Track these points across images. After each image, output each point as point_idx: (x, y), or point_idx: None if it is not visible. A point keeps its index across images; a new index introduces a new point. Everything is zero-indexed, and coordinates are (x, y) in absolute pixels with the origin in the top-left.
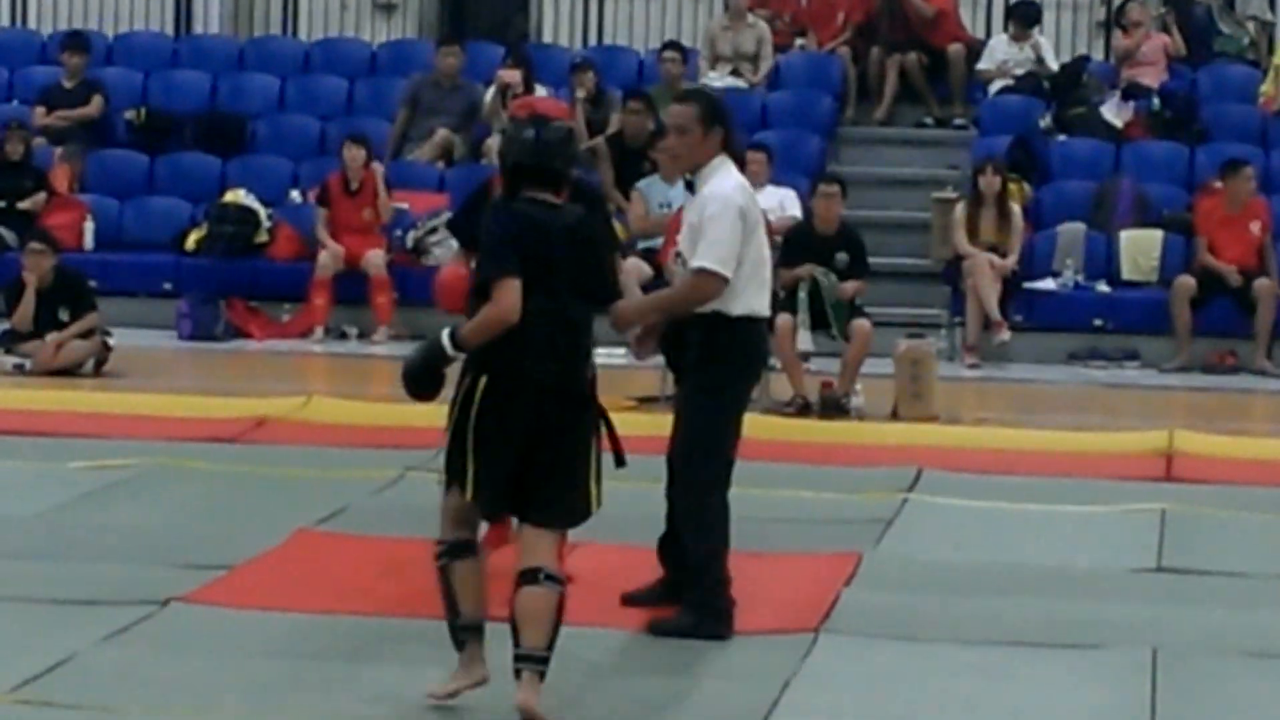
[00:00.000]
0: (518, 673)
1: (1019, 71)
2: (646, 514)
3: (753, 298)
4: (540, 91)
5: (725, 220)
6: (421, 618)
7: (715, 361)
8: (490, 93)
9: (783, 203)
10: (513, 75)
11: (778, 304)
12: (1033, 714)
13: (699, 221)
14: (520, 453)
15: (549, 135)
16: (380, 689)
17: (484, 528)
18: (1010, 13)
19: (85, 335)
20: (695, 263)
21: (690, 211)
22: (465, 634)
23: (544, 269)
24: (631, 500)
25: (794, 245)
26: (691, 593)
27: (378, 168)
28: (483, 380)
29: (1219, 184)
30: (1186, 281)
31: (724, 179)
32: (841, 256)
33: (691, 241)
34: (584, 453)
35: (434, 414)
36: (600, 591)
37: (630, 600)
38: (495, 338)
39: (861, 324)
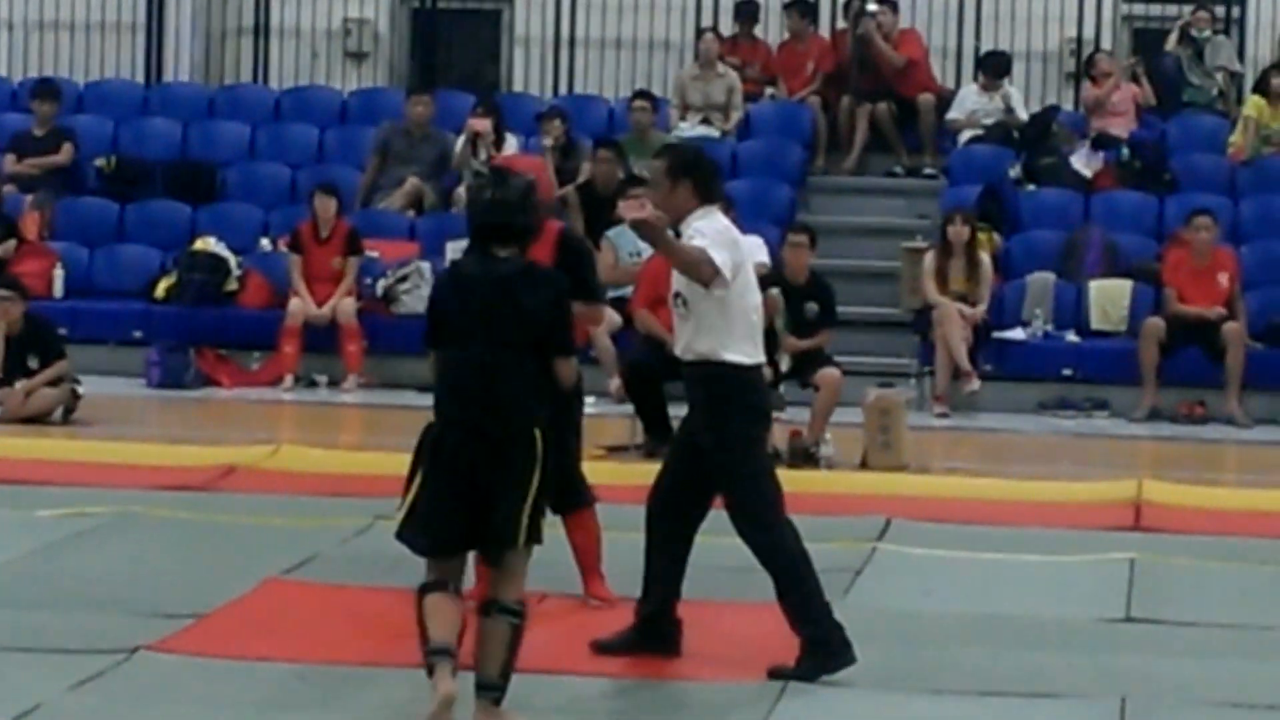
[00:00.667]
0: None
1: (989, 121)
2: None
3: (745, 343)
4: (510, 140)
5: (719, 241)
6: (391, 666)
7: (724, 413)
8: (460, 141)
9: (751, 251)
10: (483, 124)
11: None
12: None
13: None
14: (454, 491)
15: (507, 194)
16: None
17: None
18: (980, 63)
19: (54, 383)
20: (700, 240)
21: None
22: (433, 657)
23: (463, 320)
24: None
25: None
26: (803, 632)
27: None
28: (426, 427)
29: (1186, 235)
30: (1155, 324)
31: (710, 222)
32: (811, 306)
33: (688, 286)
34: (511, 487)
35: (402, 464)
36: (570, 639)
37: (601, 648)
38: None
39: (830, 373)
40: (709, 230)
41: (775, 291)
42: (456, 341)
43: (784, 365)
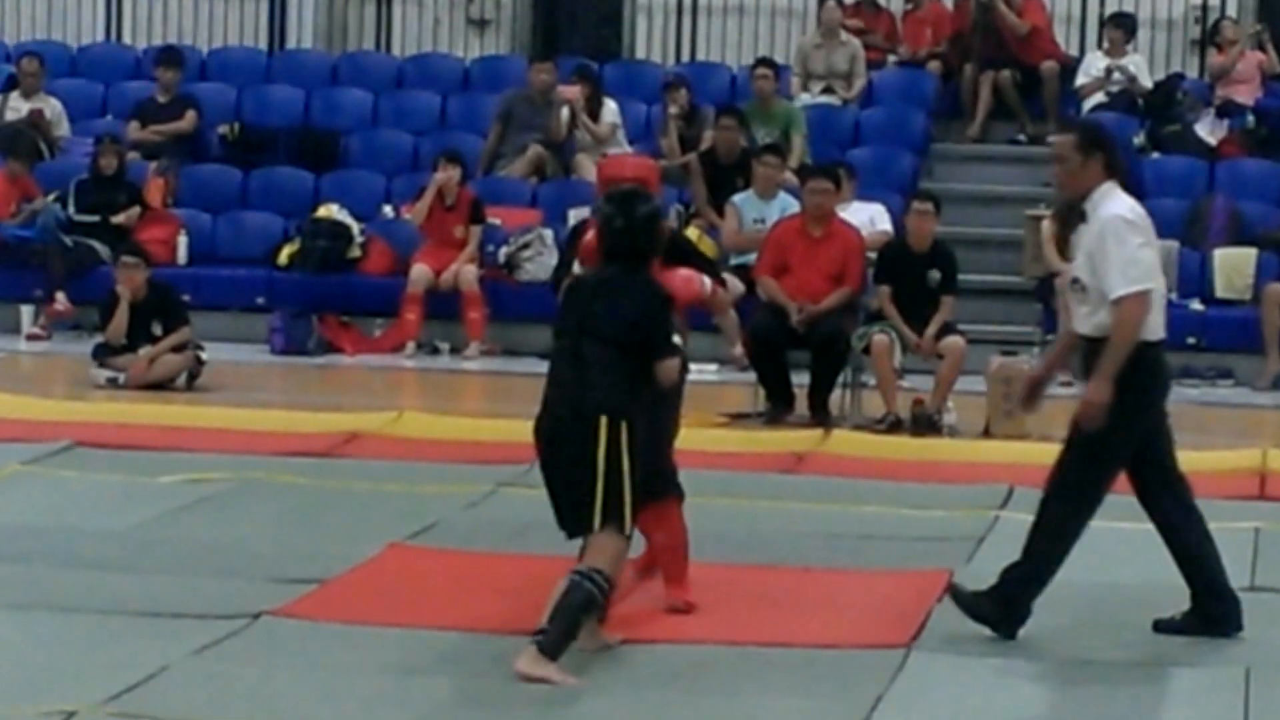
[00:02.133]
0: None
1: (1114, 88)
2: (732, 530)
3: (1154, 319)
4: (608, 105)
5: (1124, 238)
6: (514, 633)
7: (1127, 392)
8: (564, 110)
9: (873, 218)
10: (572, 91)
11: (872, 320)
12: None
13: (1097, 248)
14: (545, 472)
15: (637, 223)
16: (473, 702)
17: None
18: (1105, 25)
19: (178, 349)
20: (1113, 293)
21: (1085, 238)
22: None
23: (568, 315)
24: (724, 517)
25: (887, 261)
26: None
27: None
28: None
29: None
30: (1277, 290)
31: (1113, 203)
32: (933, 274)
33: (1091, 270)
34: (574, 468)
35: (524, 431)
36: (708, 609)
37: (1161, 626)
38: None
39: (954, 341)
40: (1116, 231)
41: (885, 289)
42: (562, 334)
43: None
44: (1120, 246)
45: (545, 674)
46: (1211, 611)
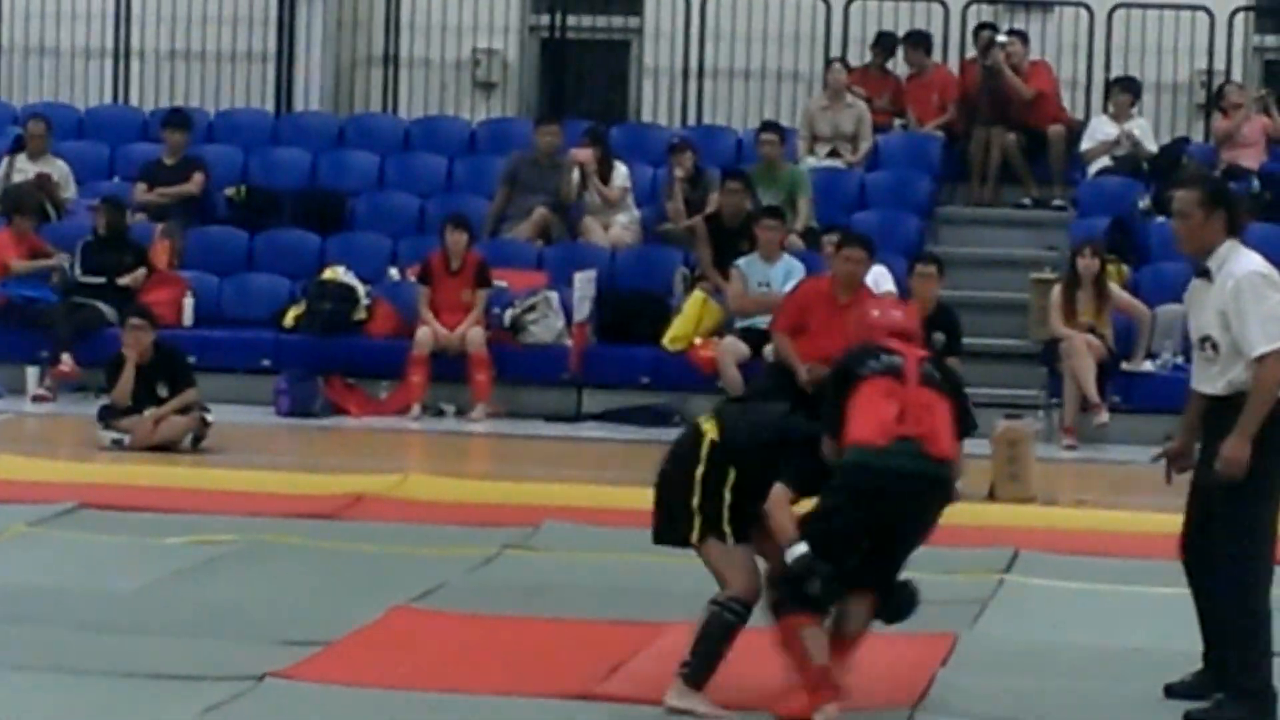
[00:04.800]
0: None
1: (1119, 152)
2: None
3: None
4: (618, 169)
5: (1263, 294)
6: (518, 695)
7: (1267, 449)
8: (575, 172)
9: (876, 280)
10: (585, 154)
11: None
12: None
13: (1232, 305)
14: None
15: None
16: None
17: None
18: (1110, 89)
19: (184, 411)
20: (1254, 350)
21: (1213, 296)
22: None
23: None
24: None
25: None
26: (1240, 681)
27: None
28: None
29: None
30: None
31: (1244, 259)
32: (938, 336)
33: (1224, 327)
34: (678, 482)
35: (530, 493)
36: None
37: (1171, 692)
38: None
39: None
40: (1252, 287)
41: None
42: None
43: None
44: (1259, 303)
45: (691, 705)
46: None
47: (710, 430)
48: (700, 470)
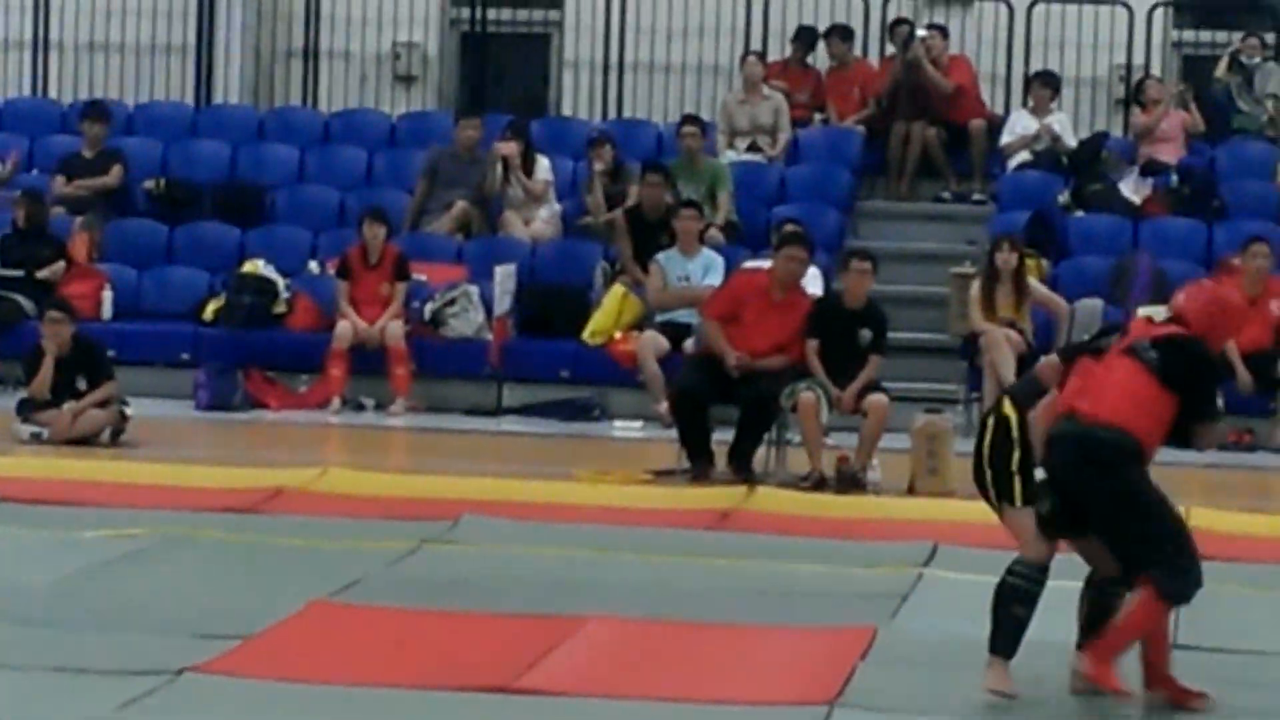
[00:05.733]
0: None
1: (1039, 146)
2: (655, 587)
3: None
4: (541, 163)
5: None
6: (433, 689)
7: None
8: (498, 166)
9: (808, 281)
10: (509, 148)
11: (798, 377)
12: None
13: None
14: None
15: None
16: None
17: None
18: (1030, 83)
19: (102, 404)
20: None
21: None
22: None
23: None
24: (647, 573)
25: (818, 317)
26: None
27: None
28: None
29: (1237, 262)
30: None
31: None
32: (864, 333)
33: None
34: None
35: (449, 487)
36: (629, 664)
37: None
38: None
39: (878, 399)
40: None
41: (813, 344)
42: None
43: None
44: None
45: (1003, 687)
46: None
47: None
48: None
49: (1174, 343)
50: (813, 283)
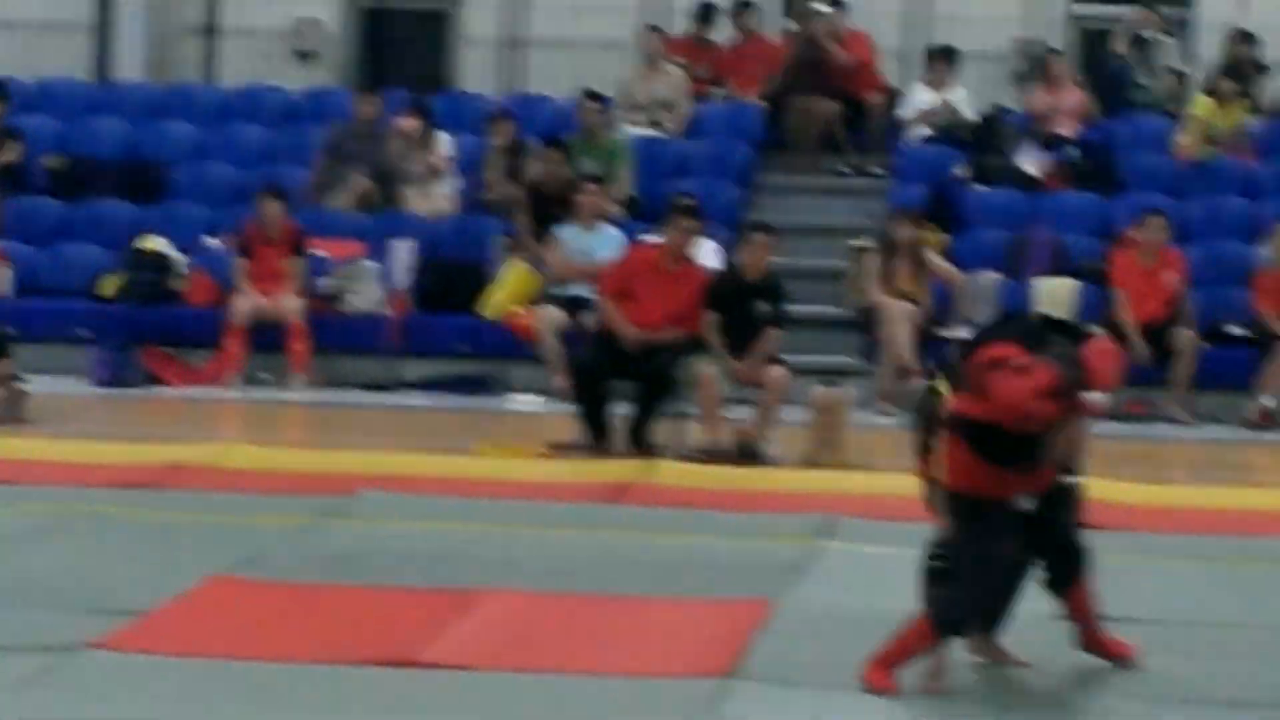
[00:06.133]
0: None
1: (938, 121)
2: (553, 560)
3: None
4: (441, 139)
5: None
6: (333, 664)
7: None
8: (396, 142)
9: (703, 254)
10: (410, 124)
11: (697, 350)
12: None
13: None
14: None
15: None
16: None
17: None
18: (929, 58)
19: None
20: None
21: None
22: None
23: None
24: (546, 547)
25: (716, 291)
26: None
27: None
28: None
29: (1134, 234)
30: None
31: None
32: (762, 305)
33: None
34: None
35: (347, 462)
36: (528, 638)
37: None
38: None
39: (777, 372)
40: None
41: (712, 316)
42: None
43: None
44: None
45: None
46: None
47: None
48: None
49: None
50: (709, 256)
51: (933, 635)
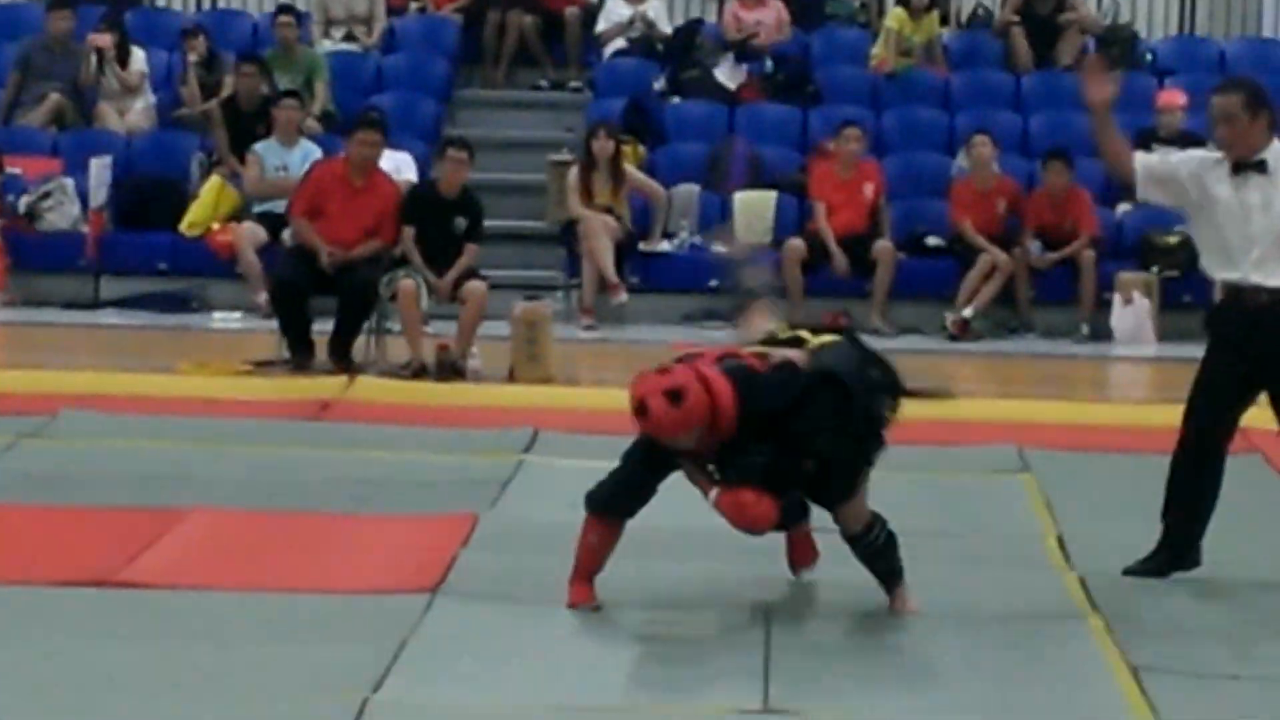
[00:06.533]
0: None
1: (634, 34)
2: (256, 477)
3: None
4: (136, 55)
5: None
6: (34, 584)
7: None
8: (91, 58)
9: (399, 166)
10: (104, 40)
11: (397, 265)
12: (646, 672)
13: None
14: None
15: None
16: None
17: None
18: None
19: None
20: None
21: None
22: None
23: None
24: (248, 464)
25: (414, 205)
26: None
27: None
28: None
29: (831, 146)
30: (795, 245)
31: None
32: (460, 221)
33: None
34: None
35: (47, 381)
36: (232, 556)
37: (1129, 572)
38: None
39: (477, 286)
40: None
41: (409, 232)
42: None
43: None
44: None
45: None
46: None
47: None
48: None
49: None
50: (406, 168)
51: (588, 517)
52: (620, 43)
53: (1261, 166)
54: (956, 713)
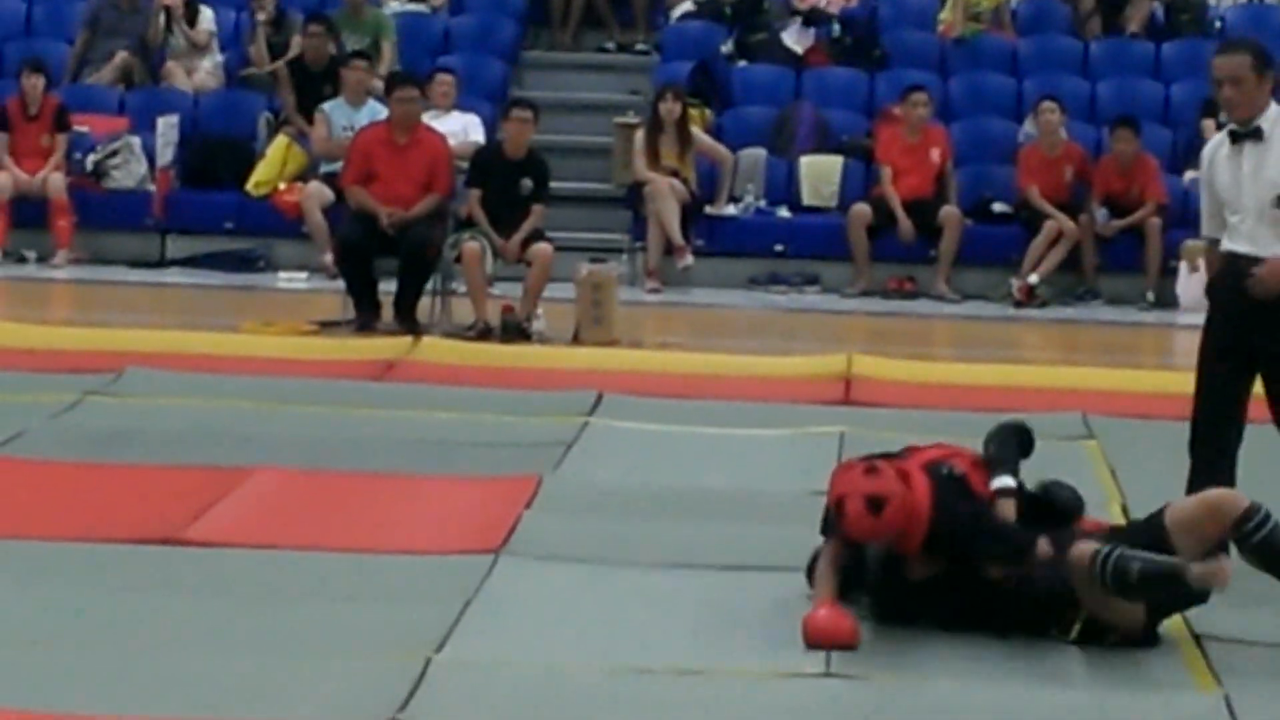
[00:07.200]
0: None
1: None
2: (321, 437)
3: None
4: (204, 13)
5: None
6: (98, 541)
7: None
8: (160, 17)
9: (466, 128)
10: None
11: (462, 227)
12: (709, 635)
13: None
14: None
15: None
16: (57, 609)
17: None
18: None
19: None
20: None
21: (1274, 156)
22: None
23: None
24: (313, 424)
25: (480, 167)
26: None
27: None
28: None
29: (898, 111)
30: (861, 210)
31: None
32: (526, 182)
33: None
34: None
35: (113, 339)
36: (295, 515)
37: None
38: None
39: (543, 248)
40: None
41: (475, 194)
42: None
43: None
44: None
45: None
46: None
47: None
48: None
49: None
50: (474, 130)
51: None
52: (687, 5)
53: (1258, 134)
54: (1021, 678)
